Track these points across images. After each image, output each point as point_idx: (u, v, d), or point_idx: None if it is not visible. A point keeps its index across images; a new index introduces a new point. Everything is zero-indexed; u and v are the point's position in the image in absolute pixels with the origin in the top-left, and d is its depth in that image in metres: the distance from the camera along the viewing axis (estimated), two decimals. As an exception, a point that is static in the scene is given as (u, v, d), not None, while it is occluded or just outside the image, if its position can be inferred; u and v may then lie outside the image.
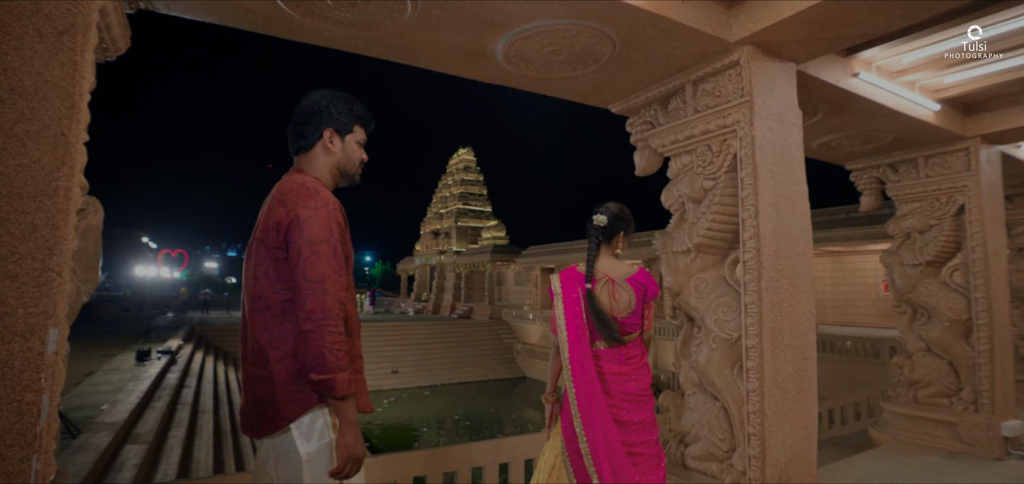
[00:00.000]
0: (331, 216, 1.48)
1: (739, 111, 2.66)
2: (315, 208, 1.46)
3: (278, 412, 1.42)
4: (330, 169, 1.66)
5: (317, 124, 1.63)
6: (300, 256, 1.41)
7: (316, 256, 1.41)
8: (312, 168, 1.64)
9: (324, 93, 1.66)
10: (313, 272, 1.40)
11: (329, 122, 1.64)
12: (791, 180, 2.73)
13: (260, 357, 1.46)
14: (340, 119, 1.65)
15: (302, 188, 1.50)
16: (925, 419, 4.47)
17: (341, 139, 1.66)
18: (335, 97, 1.67)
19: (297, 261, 1.41)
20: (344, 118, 1.66)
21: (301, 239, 1.42)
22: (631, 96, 3.31)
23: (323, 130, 1.63)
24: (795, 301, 2.65)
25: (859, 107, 3.54)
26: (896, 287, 4.70)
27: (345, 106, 1.66)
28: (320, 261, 1.41)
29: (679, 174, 3.09)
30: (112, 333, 17.15)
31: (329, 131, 1.64)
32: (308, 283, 1.39)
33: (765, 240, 2.57)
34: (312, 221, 1.44)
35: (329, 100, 1.65)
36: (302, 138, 1.64)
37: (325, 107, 1.63)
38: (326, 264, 1.42)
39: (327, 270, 1.41)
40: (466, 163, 40.94)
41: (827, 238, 13.69)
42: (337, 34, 2.57)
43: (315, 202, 1.47)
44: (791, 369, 2.60)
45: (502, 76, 3.04)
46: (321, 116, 1.63)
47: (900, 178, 4.70)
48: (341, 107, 1.66)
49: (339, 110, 1.65)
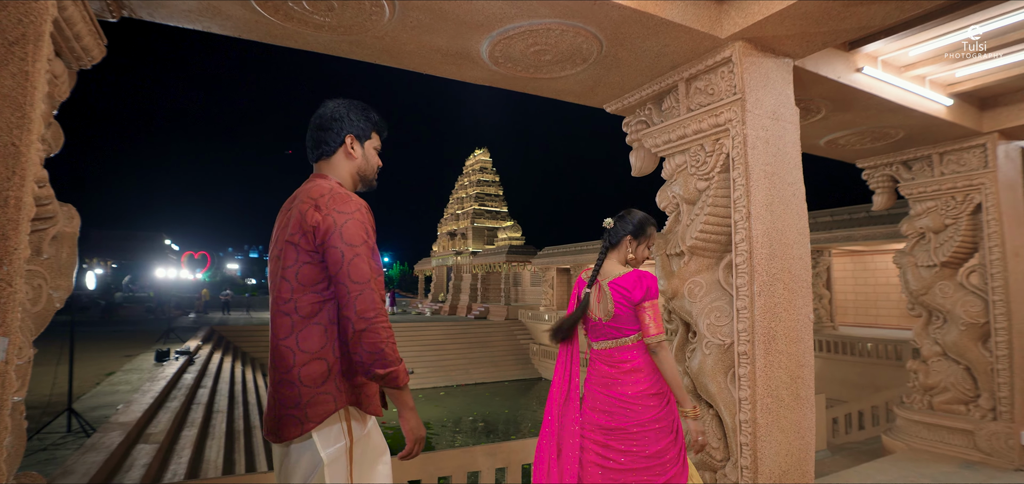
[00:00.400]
0: (366, 219, 1.53)
1: (731, 109, 2.58)
2: (351, 212, 1.49)
3: (305, 414, 1.44)
4: (351, 174, 1.70)
5: (338, 131, 1.67)
6: (342, 260, 1.44)
7: (358, 258, 1.45)
8: (334, 173, 1.67)
9: (341, 102, 1.71)
10: (358, 274, 1.44)
11: (350, 128, 1.69)
12: (787, 180, 2.64)
13: (285, 360, 1.47)
14: (359, 125, 1.70)
15: (333, 193, 1.53)
16: (941, 427, 4.30)
17: (361, 145, 1.71)
18: (352, 105, 1.71)
19: (340, 265, 1.44)
20: (363, 125, 1.71)
21: (342, 243, 1.45)
22: (625, 95, 3.24)
23: (345, 136, 1.68)
24: (791, 305, 2.56)
25: (865, 103, 3.41)
26: (910, 289, 4.53)
27: (362, 113, 1.71)
28: (362, 263, 1.45)
29: (673, 175, 3.01)
30: (135, 334, 17.55)
31: (350, 137, 1.68)
32: (355, 284, 1.43)
33: (758, 242, 2.48)
34: (350, 225, 1.47)
35: (347, 108, 1.69)
36: (324, 144, 1.67)
37: (344, 114, 1.68)
38: (367, 265, 1.46)
39: (369, 271, 1.46)
40: (482, 164, 40.98)
41: (848, 237, 13.33)
42: (320, 38, 2.56)
43: (350, 206, 1.51)
44: (786, 376, 2.50)
45: (490, 77, 3.00)
46: (341, 123, 1.68)
47: (914, 176, 4.53)
48: (359, 114, 1.71)
49: (358, 117, 1.70)
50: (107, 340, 15.55)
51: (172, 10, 2.33)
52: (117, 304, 27.22)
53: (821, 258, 14.49)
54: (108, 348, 14.36)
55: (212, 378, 11.76)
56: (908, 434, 4.50)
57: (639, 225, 2.26)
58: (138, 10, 2.32)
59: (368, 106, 1.75)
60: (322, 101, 1.74)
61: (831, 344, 13.02)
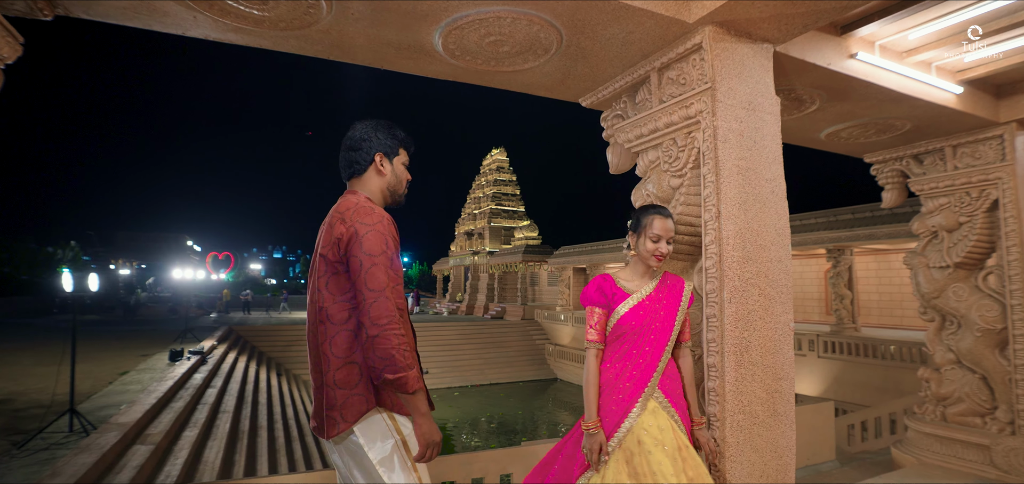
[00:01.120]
0: (387, 231, 1.61)
1: (701, 100, 2.37)
2: (372, 224, 1.59)
3: (341, 415, 1.57)
4: (381, 190, 1.80)
5: (367, 150, 1.78)
6: (361, 268, 1.54)
7: (375, 267, 1.54)
8: (365, 190, 1.78)
9: (369, 122, 1.81)
10: (374, 282, 1.53)
11: (378, 147, 1.79)
12: (764, 176, 2.42)
13: (324, 364, 1.60)
14: (387, 143, 1.81)
15: (358, 207, 1.64)
16: (954, 440, 3.99)
17: (390, 162, 1.81)
18: (379, 125, 1.81)
19: (359, 273, 1.54)
20: (390, 143, 1.81)
21: (361, 253, 1.55)
22: (599, 88, 3.06)
23: (374, 154, 1.78)
24: (768, 313, 2.34)
25: (862, 93, 3.15)
26: (921, 292, 4.23)
27: (389, 132, 1.82)
28: (379, 272, 1.54)
29: (647, 172, 2.81)
30: (154, 333, 17.90)
31: (379, 155, 1.78)
32: (370, 292, 1.52)
33: (729, 244, 2.27)
34: (370, 236, 1.57)
35: (374, 128, 1.80)
36: (355, 163, 1.78)
37: (372, 134, 1.79)
38: (385, 274, 1.54)
39: (386, 279, 1.54)
40: (499, 163, 40.88)
41: (870, 236, 12.80)
42: (264, 34, 2.45)
43: (372, 218, 1.61)
44: (762, 391, 2.29)
45: (452, 71, 2.84)
46: (370, 142, 1.78)
47: (925, 170, 4.22)
48: (386, 133, 1.81)
49: (385, 136, 1.80)
50: (127, 339, 15.88)
51: (108, 9, 2.25)
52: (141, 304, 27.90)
53: (843, 257, 13.97)
54: (127, 347, 14.65)
55: (223, 378, 11.87)
56: (919, 447, 4.20)
57: (634, 219, 2.17)
58: (73, 9, 2.24)
59: (394, 124, 1.85)
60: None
61: (852, 346, 12.53)
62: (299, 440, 10.96)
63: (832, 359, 12.98)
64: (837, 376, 12.78)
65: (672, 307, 2.09)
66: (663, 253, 2.06)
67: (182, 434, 7.46)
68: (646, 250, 2.07)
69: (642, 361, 2.08)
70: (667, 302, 2.12)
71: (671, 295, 2.12)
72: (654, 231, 2.06)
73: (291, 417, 12.47)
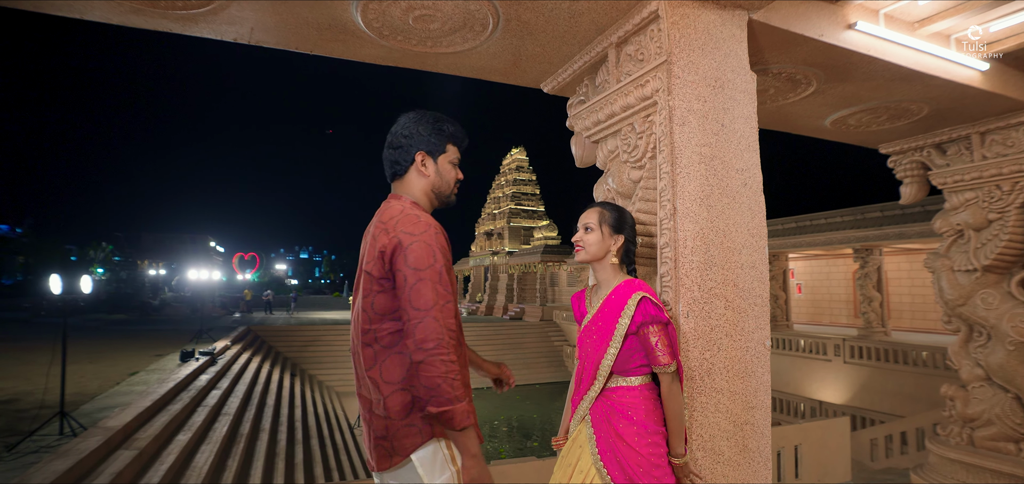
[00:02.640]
0: (435, 240, 1.43)
1: (657, 76, 2.01)
2: (418, 233, 1.42)
3: (393, 447, 1.43)
4: (425, 192, 1.61)
5: (408, 148, 1.59)
6: (406, 284, 1.38)
7: (421, 283, 1.37)
8: (408, 193, 1.60)
9: (413, 115, 1.63)
10: (420, 300, 1.36)
11: (420, 145, 1.60)
12: (735, 165, 2.04)
13: (373, 391, 1.45)
14: (431, 140, 1.60)
15: (402, 214, 1.48)
16: (983, 468, 3.50)
17: (433, 161, 1.61)
18: (424, 118, 1.62)
19: (404, 289, 1.38)
20: (435, 139, 1.61)
21: (406, 266, 1.39)
22: (557, 72, 2.71)
23: (415, 154, 1.59)
24: (737, 329, 1.97)
25: (866, 70, 2.73)
26: (945, 298, 3.75)
27: (434, 126, 1.61)
28: (426, 288, 1.37)
29: (606, 164, 2.46)
30: (172, 332, 18.15)
31: (421, 154, 1.59)
32: (416, 311, 1.36)
33: (686, 247, 1.91)
34: (415, 247, 1.40)
35: (417, 122, 1.61)
36: (396, 164, 1.61)
37: (415, 130, 1.60)
38: (433, 290, 1.37)
39: (434, 297, 1.37)
40: (519, 163, 40.60)
41: (900, 235, 12.03)
42: (170, 16, 2.19)
43: (418, 227, 1.43)
44: (727, 423, 1.92)
45: (385, 54, 2.54)
46: (412, 140, 1.60)
47: (949, 161, 3.73)
48: (429, 127, 1.61)
49: (428, 131, 1.60)
50: (144, 339, 16.11)
51: None
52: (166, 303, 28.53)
53: (871, 257, 13.20)
54: (143, 347, 14.83)
55: (230, 379, 11.84)
56: (942, 474, 3.72)
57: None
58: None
59: (442, 117, 1.64)
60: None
61: (881, 352, 11.81)
62: (302, 443, 10.83)
63: (859, 365, 12.26)
64: (864, 383, 12.06)
65: (608, 325, 1.74)
66: (581, 242, 1.85)
67: (174, 438, 7.34)
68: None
69: (582, 389, 1.81)
70: (605, 319, 1.78)
71: (612, 309, 1.78)
72: (579, 221, 1.86)
73: (298, 419, 12.39)
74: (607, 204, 1.89)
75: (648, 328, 1.69)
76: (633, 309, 1.72)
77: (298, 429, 11.58)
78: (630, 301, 1.73)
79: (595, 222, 1.83)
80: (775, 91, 2.96)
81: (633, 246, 1.87)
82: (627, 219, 1.86)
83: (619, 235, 1.83)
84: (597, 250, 1.83)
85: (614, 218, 1.84)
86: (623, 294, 1.76)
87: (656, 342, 1.68)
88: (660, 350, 1.69)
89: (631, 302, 1.73)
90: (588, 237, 1.84)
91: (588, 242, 1.84)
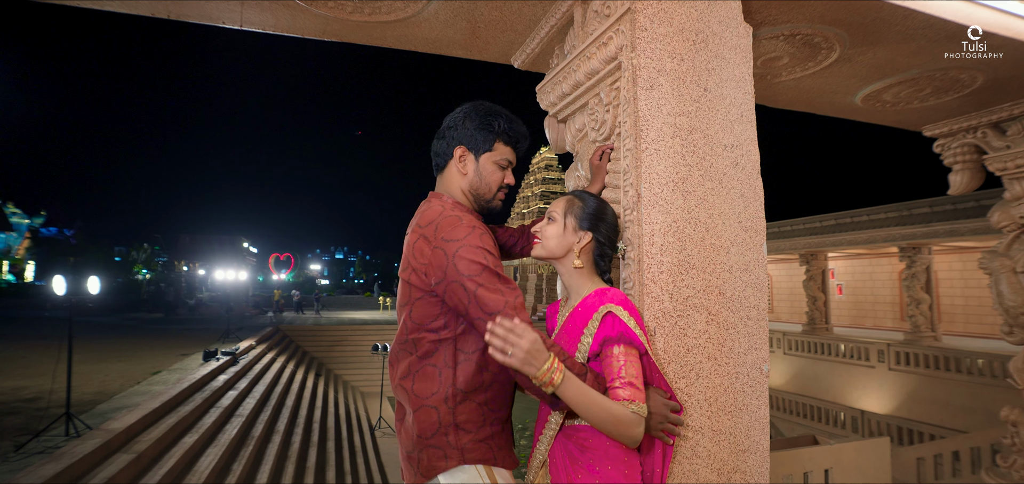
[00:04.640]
0: (478, 241, 1.30)
1: (619, 30, 1.60)
2: (462, 239, 1.30)
3: (418, 466, 1.34)
4: (464, 192, 1.47)
5: (449, 140, 1.46)
6: (466, 295, 1.27)
7: (482, 288, 1.26)
8: (448, 190, 1.48)
9: (465, 106, 1.49)
10: (489, 304, 1.25)
11: (461, 139, 1.45)
12: (722, 141, 1.60)
13: (404, 403, 1.41)
14: (476, 135, 1.44)
15: (442, 218, 1.35)
16: (1053, 509, 2.93)
17: (475, 158, 1.45)
18: (475, 110, 1.46)
19: (466, 304, 1.27)
20: (480, 135, 1.45)
21: (459, 278, 1.27)
22: (526, 43, 2.32)
23: (454, 148, 1.45)
24: (722, 350, 1.53)
25: (900, 27, 2.22)
26: (1005, 304, 3.18)
27: (482, 120, 1.44)
28: (487, 293, 1.26)
29: (576, 146, 2.06)
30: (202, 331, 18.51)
31: (461, 148, 1.45)
32: (490, 316, 1.23)
33: (653, 245, 1.48)
34: (462, 253, 1.28)
35: (465, 114, 1.46)
36: (437, 155, 1.49)
37: (459, 121, 1.46)
38: (496, 289, 1.26)
39: (501, 298, 1.25)
40: (548, 162, 40.19)
41: (951, 232, 11.05)
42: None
43: (459, 232, 1.31)
44: (710, 473, 1.48)
45: (322, 26, 2.20)
46: (455, 132, 1.46)
47: (1009, 143, 3.16)
48: (476, 121, 1.44)
49: (474, 125, 1.44)
50: (174, 337, 16.46)
51: None
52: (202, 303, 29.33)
53: (919, 257, 12.21)
54: (171, 345, 15.11)
55: (249, 380, 11.85)
56: (1001, 514, 3.15)
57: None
58: None
59: (499, 111, 1.46)
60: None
61: (931, 358, 10.88)
62: (318, 445, 10.71)
63: (906, 372, 11.34)
64: (912, 392, 11.14)
65: (570, 345, 1.38)
66: (538, 233, 1.51)
67: (180, 440, 7.25)
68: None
69: (541, 421, 1.46)
70: (569, 336, 1.41)
71: (576, 325, 1.40)
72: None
73: (316, 420, 12.31)
74: (583, 193, 1.50)
75: (612, 348, 1.29)
76: (596, 325, 1.33)
77: (315, 431, 11.47)
78: (595, 315, 1.34)
79: (560, 212, 1.45)
80: (790, 59, 2.49)
81: (610, 249, 1.47)
82: (604, 216, 1.46)
83: (586, 232, 1.43)
84: (554, 246, 1.44)
85: (584, 211, 1.45)
86: (590, 307, 1.37)
87: (619, 367, 1.27)
88: (622, 377, 1.26)
89: (596, 316, 1.34)
90: (548, 229, 1.46)
91: (546, 235, 1.46)
